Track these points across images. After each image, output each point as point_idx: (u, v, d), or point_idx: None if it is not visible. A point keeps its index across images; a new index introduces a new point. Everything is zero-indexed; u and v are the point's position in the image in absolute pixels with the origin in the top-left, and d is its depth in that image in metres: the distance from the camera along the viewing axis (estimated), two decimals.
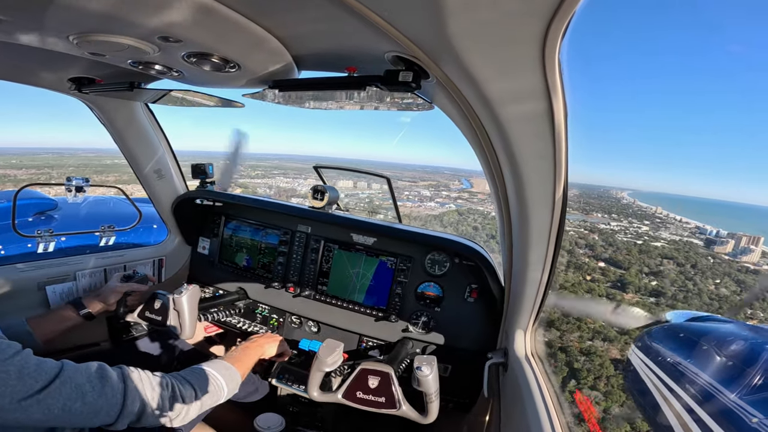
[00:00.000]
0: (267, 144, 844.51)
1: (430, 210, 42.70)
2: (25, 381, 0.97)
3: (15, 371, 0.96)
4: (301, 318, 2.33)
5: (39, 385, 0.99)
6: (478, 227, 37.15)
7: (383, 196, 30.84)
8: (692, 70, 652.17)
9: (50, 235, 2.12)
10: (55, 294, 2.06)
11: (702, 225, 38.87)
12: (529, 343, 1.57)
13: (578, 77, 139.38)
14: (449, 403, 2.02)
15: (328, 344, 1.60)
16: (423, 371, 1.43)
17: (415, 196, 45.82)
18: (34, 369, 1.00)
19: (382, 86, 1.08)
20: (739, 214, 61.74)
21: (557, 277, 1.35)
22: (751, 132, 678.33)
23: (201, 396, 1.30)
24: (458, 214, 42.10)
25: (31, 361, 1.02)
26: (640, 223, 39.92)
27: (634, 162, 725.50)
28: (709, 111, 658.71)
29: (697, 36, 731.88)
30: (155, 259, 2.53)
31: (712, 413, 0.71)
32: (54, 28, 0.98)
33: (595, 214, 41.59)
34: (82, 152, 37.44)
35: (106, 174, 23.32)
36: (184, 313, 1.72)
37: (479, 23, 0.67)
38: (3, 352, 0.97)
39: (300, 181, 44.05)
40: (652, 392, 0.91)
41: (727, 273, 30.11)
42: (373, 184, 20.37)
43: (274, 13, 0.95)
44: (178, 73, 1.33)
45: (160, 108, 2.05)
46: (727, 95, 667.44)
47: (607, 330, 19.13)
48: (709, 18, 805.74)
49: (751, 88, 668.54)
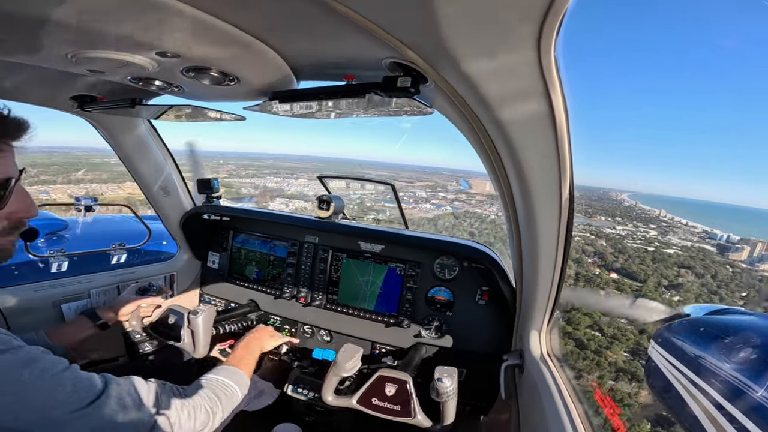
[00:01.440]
0: (265, 144, 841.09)
1: (425, 212, 41.41)
2: (78, 394, 0.99)
3: (70, 385, 0.98)
4: (313, 327, 2.33)
5: (89, 398, 1.00)
6: (475, 233, 36.02)
7: (376, 197, 30.05)
8: (684, 67, 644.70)
9: (63, 255, 2.15)
10: (70, 311, 2.09)
11: (710, 229, 36.12)
12: (545, 343, 1.54)
13: (575, 75, 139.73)
14: (466, 407, 1.99)
15: (347, 349, 1.59)
16: (444, 383, 1.40)
17: (411, 197, 44.24)
18: (86, 383, 1.03)
19: (381, 93, 1.08)
20: (742, 217, 59.47)
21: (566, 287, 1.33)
22: (744, 131, 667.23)
23: (222, 405, 1.32)
24: (454, 217, 40.44)
25: (83, 376, 1.04)
26: (646, 227, 37.40)
27: (633, 162, 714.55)
28: (702, 109, 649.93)
29: (688, 32, 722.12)
30: (166, 275, 2.55)
31: (741, 409, 0.68)
32: (51, 46, 0.99)
33: (599, 217, 39.47)
34: (77, 151, 37.73)
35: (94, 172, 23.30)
36: (199, 333, 1.74)
37: (474, 26, 0.67)
38: (55, 366, 0.99)
39: (290, 181, 43.37)
40: (676, 389, 0.88)
41: (750, 285, 27.48)
42: (366, 185, 20.07)
43: (270, 25, 0.96)
44: (178, 88, 1.34)
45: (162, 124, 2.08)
46: (718, 94, 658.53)
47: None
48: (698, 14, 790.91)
49: (746, 86, 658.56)
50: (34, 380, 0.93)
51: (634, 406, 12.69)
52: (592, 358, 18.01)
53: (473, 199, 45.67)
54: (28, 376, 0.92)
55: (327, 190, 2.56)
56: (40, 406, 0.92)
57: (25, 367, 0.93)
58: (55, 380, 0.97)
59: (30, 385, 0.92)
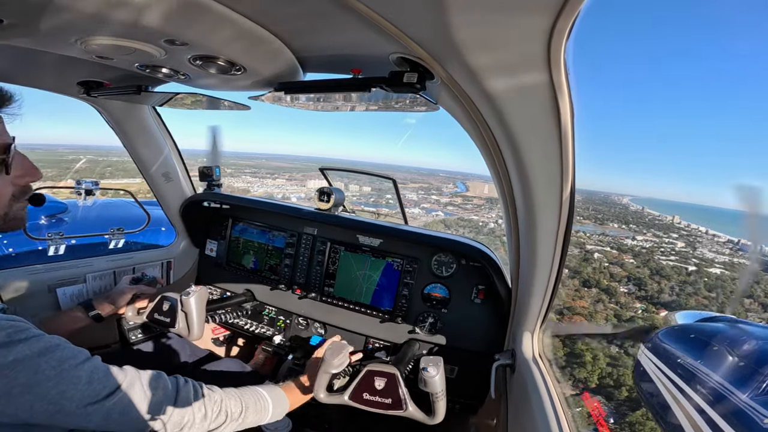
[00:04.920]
0: (264, 144, 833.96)
1: (412, 217, 38.36)
2: (94, 387, 0.98)
3: (86, 376, 0.98)
4: (308, 319, 2.34)
5: (106, 391, 1.00)
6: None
7: (375, 202, 28.88)
8: (697, 76, 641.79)
9: (60, 238, 2.15)
10: (65, 296, 2.08)
11: (736, 239, 28.23)
12: (537, 345, 1.56)
13: (584, 78, 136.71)
14: (456, 405, 2.01)
15: (333, 346, 1.60)
16: (429, 372, 1.42)
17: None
18: (103, 375, 1.02)
19: (387, 88, 1.08)
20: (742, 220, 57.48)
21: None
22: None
23: (245, 413, 1.30)
24: (444, 225, 34.18)
25: (101, 368, 1.03)
26: (667, 237, 30.27)
27: (633, 162, 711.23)
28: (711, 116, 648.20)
29: (701, 40, 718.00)
30: (163, 262, 2.55)
31: (723, 414, 0.69)
32: (60, 32, 0.99)
33: (611, 224, 33.76)
34: (63, 148, 37.30)
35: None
36: (192, 314, 1.73)
37: (484, 22, 0.67)
38: (75, 358, 0.99)
39: (267, 180, 41.34)
40: (663, 393, 0.90)
41: None
42: (363, 187, 18.67)
43: (279, 16, 0.96)
44: (185, 76, 1.34)
45: (166, 110, 2.08)
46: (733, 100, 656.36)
47: None
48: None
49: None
50: (51, 370, 0.92)
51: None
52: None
53: (469, 203, 40.74)
54: (45, 366, 0.92)
55: (328, 182, 2.56)
56: (55, 397, 0.92)
57: (42, 357, 0.93)
58: (72, 372, 0.96)
59: (45, 376, 0.91)
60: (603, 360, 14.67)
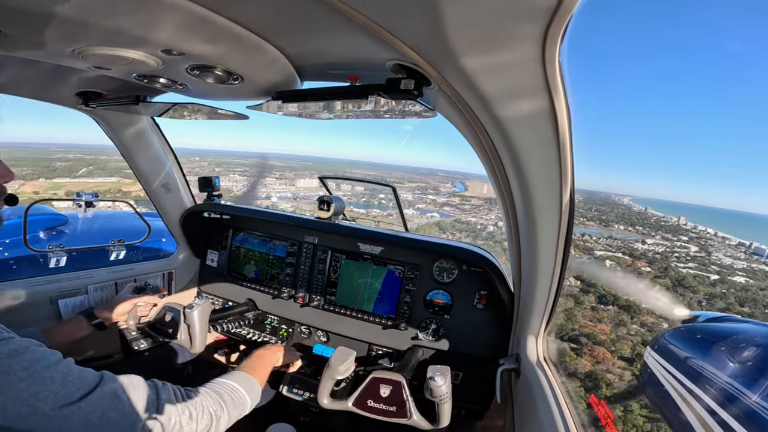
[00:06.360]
0: (264, 144, 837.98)
1: (406, 219, 36.93)
2: (68, 388, 0.97)
3: (60, 377, 0.97)
4: (311, 328, 2.33)
5: (81, 392, 0.99)
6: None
7: (356, 197, 26.91)
8: (690, 72, 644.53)
9: (62, 250, 2.15)
10: (67, 307, 2.08)
11: (748, 242, 27.84)
12: (541, 349, 1.55)
13: (579, 79, 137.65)
14: (461, 410, 1.99)
15: (340, 352, 1.59)
16: (437, 381, 1.41)
17: (390, 201, 39.51)
18: (77, 376, 1.01)
19: (384, 95, 1.08)
20: (744, 222, 55.87)
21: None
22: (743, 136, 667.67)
23: (227, 409, 1.30)
24: (438, 228, 32.39)
25: (75, 369, 1.03)
26: (678, 240, 28.83)
27: (632, 163, 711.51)
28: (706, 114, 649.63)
29: (694, 36, 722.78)
30: (165, 272, 2.55)
31: (734, 415, 0.69)
32: (57, 42, 1.00)
33: (616, 226, 32.46)
34: (55, 148, 36.52)
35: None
36: (195, 327, 1.73)
37: (479, 27, 0.67)
38: (47, 359, 0.98)
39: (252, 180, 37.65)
40: (671, 395, 0.89)
41: None
42: (342, 184, 18.23)
43: (276, 25, 0.97)
44: (183, 86, 1.35)
45: (164, 121, 2.08)
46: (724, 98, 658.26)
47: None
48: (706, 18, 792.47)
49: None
50: (22, 371, 0.92)
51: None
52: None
53: (467, 204, 39.01)
54: (16, 367, 0.91)
55: (328, 191, 2.57)
56: (27, 398, 0.91)
57: (12, 358, 0.92)
58: (45, 373, 0.95)
59: (17, 377, 0.91)
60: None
